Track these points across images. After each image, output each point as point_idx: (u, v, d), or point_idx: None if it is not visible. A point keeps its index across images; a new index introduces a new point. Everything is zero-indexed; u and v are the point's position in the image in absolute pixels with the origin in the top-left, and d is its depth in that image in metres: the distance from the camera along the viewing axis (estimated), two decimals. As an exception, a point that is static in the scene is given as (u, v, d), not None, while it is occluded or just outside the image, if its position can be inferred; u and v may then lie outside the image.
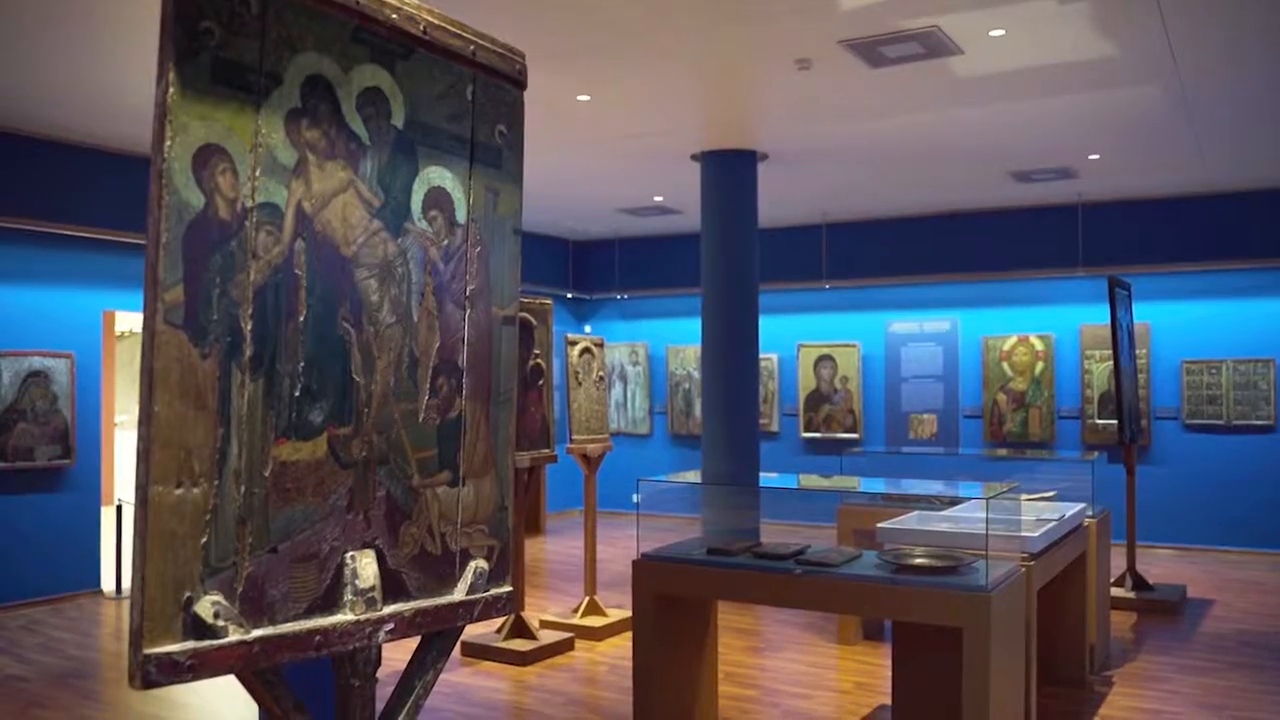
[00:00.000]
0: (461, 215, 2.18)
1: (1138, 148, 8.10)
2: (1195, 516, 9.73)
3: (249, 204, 1.76)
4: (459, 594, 2.15)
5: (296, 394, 1.85)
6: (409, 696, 2.10)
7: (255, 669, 1.77)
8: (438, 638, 2.16)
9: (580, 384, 6.96)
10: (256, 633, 1.76)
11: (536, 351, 6.45)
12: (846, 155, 8.38)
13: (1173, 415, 9.89)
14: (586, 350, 7.07)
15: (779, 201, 9.97)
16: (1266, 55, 5.94)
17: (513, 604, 2.27)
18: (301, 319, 1.85)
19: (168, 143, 1.64)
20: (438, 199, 2.13)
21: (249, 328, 1.76)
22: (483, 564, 2.20)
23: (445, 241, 2.15)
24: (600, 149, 8.28)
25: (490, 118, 2.26)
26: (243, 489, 1.75)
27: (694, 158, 8.34)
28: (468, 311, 2.19)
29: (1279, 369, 9.51)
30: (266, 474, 1.79)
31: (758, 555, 4.39)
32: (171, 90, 1.64)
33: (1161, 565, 8.92)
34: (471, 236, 2.21)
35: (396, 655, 2.50)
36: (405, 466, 2.05)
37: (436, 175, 2.13)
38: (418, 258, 2.08)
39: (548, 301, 6.64)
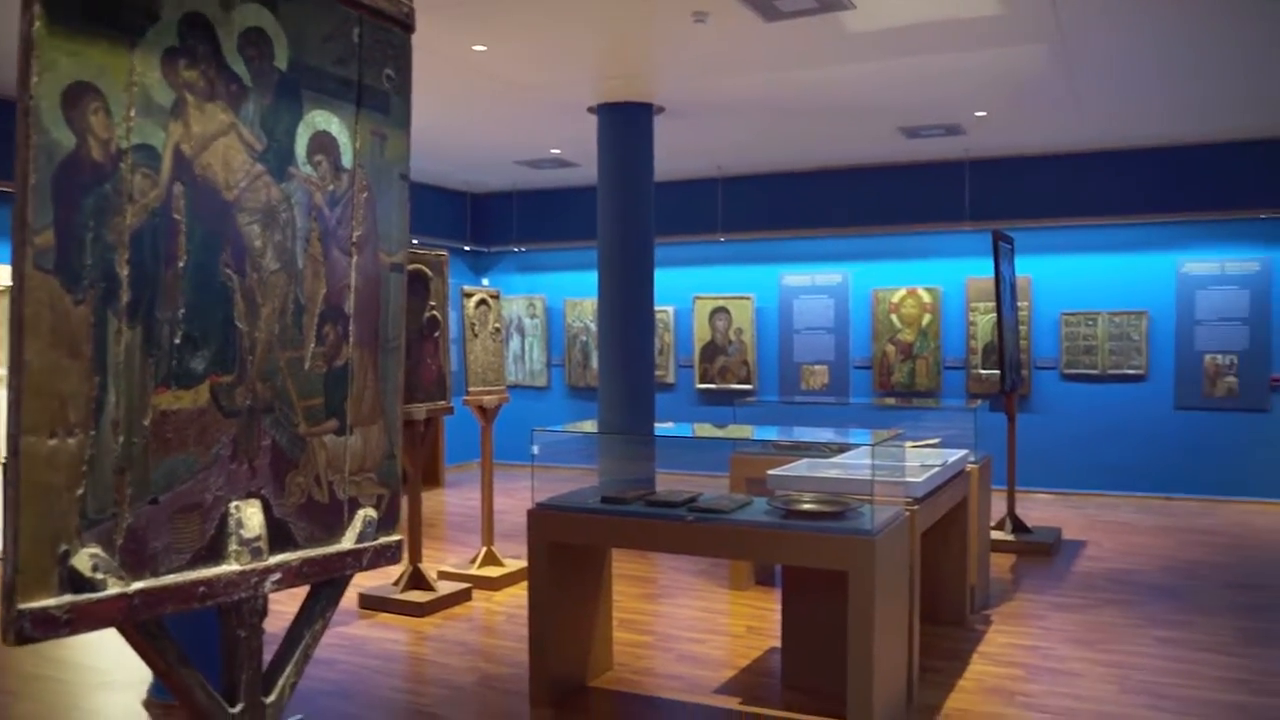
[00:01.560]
0: (348, 160, 2.15)
1: (1022, 105, 8.31)
2: (1072, 462, 10.15)
3: (124, 145, 1.71)
4: (347, 543, 2.15)
5: (177, 341, 1.81)
6: (297, 646, 2.10)
7: (136, 622, 1.75)
8: (326, 587, 2.15)
9: (476, 336, 6.92)
10: (137, 585, 1.73)
11: (432, 303, 6.39)
12: (741, 109, 8.42)
13: (1052, 365, 10.27)
14: (483, 302, 7.03)
15: (675, 155, 9.99)
16: (1144, 17, 6.13)
17: (401, 553, 2.27)
18: (181, 265, 1.81)
19: (34, 79, 1.58)
20: (323, 143, 2.09)
21: (125, 273, 1.71)
22: (371, 512, 2.20)
23: (331, 187, 2.11)
24: (497, 101, 8.18)
25: (377, 61, 2.22)
26: (121, 439, 1.71)
27: (591, 110, 8.29)
28: (355, 258, 2.16)
29: (1151, 321, 9.93)
30: (146, 423, 1.75)
31: (650, 503, 4.46)
32: (38, 24, 1.58)
33: (1040, 509, 9.29)
34: (358, 182, 2.18)
35: (288, 606, 2.48)
36: (291, 415, 2.03)
37: (322, 119, 2.09)
38: (303, 203, 2.05)
39: (443, 253, 6.57)
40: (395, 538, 2.26)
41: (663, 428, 8.88)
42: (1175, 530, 8.46)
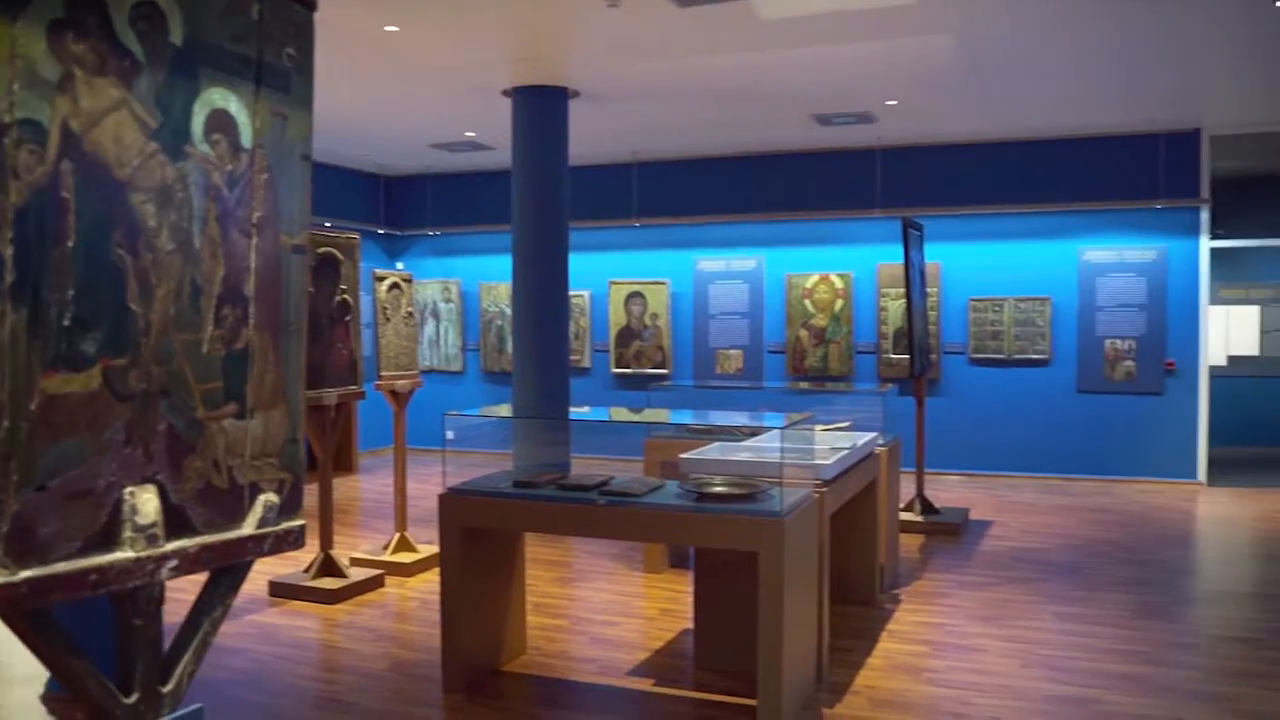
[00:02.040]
0: (247, 140, 2.11)
1: (931, 95, 8.45)
2: (979, 444, 10.40)
3: (6, 119, 1.65)
4: (248, 528, 2.11)
5: (66, 323, 1.76)
6: (196, 634, 2.06)
7: (22, 611, 1.70)
8: (226, 574, 2.12)
9: (389, 320, 6.84)
10: (24, 574, 1.68)
11: (343, 287, 6.29)
12: (656, 94, 8.43)
13: (960, 350, 10.49)
14: (395, 286, 6.95)
15: (590, 139, 9.98)
16: (1048, 10, 6.28)
17: (304, 537, 2.24)
18: (70, 244, 1.76)
19: (-91, 51, 1.52)
20: (220, 122, 2.04)
21: (9, 252, 1.66)
22: (273, 497, 2.17)
23: (229, 166, 2.07)
24: (410, 83, 8.07)
25: (278, 39, 2.18)
26: (6, 424, 1.66)
27: (505, 93, 8.23)
28: (254, 240, 2.12)
29: (1055, 307, 10.20)
30: (33, 407, 1.70)
31: (562, 487, 4.46)
32: (-88, -6, 1.52)
33: (948, 490, 9.50)
34: (258, 162, 2.14)
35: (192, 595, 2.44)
36: (188, 398, 1.99)
37: (219, 97, 2.04)
38: (199, 182, 2.00)
39: (354, 236, 6.48)
40: (298, 523, 2.23)
41: (577, 412, 8.88)
42: (1075, 509, 8.72)
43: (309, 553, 6.44)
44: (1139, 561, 6.91)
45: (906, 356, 9.28)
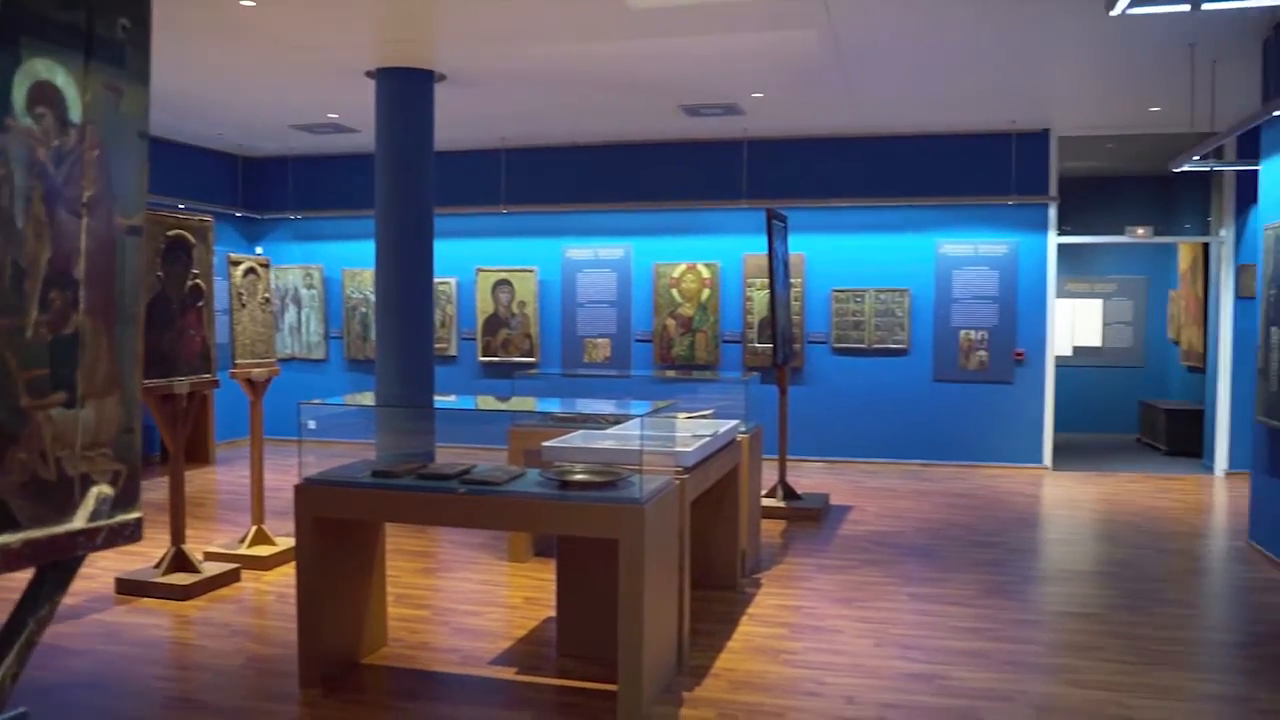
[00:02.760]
0: (76, 115, 2.01)
1: (796, 89, 8.61)
2: (840, 431, 10.66)
3: None
4: (78, 522, 2.02)
5: None
6: (20, 634, 1.96)
7: None
8: (54, 569, 2.02)
9: (244, 306, 6.63)
10: None
11: (195, 271, 6.08)
12: (524, 80, 8.37)
13: (823, 339, 10.73)
14: (251, 270, 6.74)
15: (458, 124, 9.85)
16: (907, 10, 6.46)
17: (141, 530, 2.16)
18: (-125, 222, 1.65)
19: None
20: (45, 95, 1.94)
21: None
22: (106, 489, 2.07)
23: (56, 142, 1.96)
24: (268, 61, 7.83)
25: (110, 9, 2.07)
26: None
27: (369, 75, 8.06)
28: (85, 220, 2.02)
29: (913, 298, 10.52)
30: None
31: (422, 476, 4.40)
32: None
33: (810, 476, 9.72)
34: (89, 139, 2.04)
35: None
36: (10, 387, 1.89)
37: (44, 68, 1.94)
38: (21, 159, 1.90)
39: (208, 218, 6.25)
40: (134, 515, 2.14)
41: (443, 401, 8.77)
42: (931, 494, 9.02)
43: (160, 548, 6.22)
44: (988, 543, 7.19)
45: (770, 345, 9.44)
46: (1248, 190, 8.79)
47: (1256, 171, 7.27)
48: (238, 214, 11.99)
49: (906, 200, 10.43)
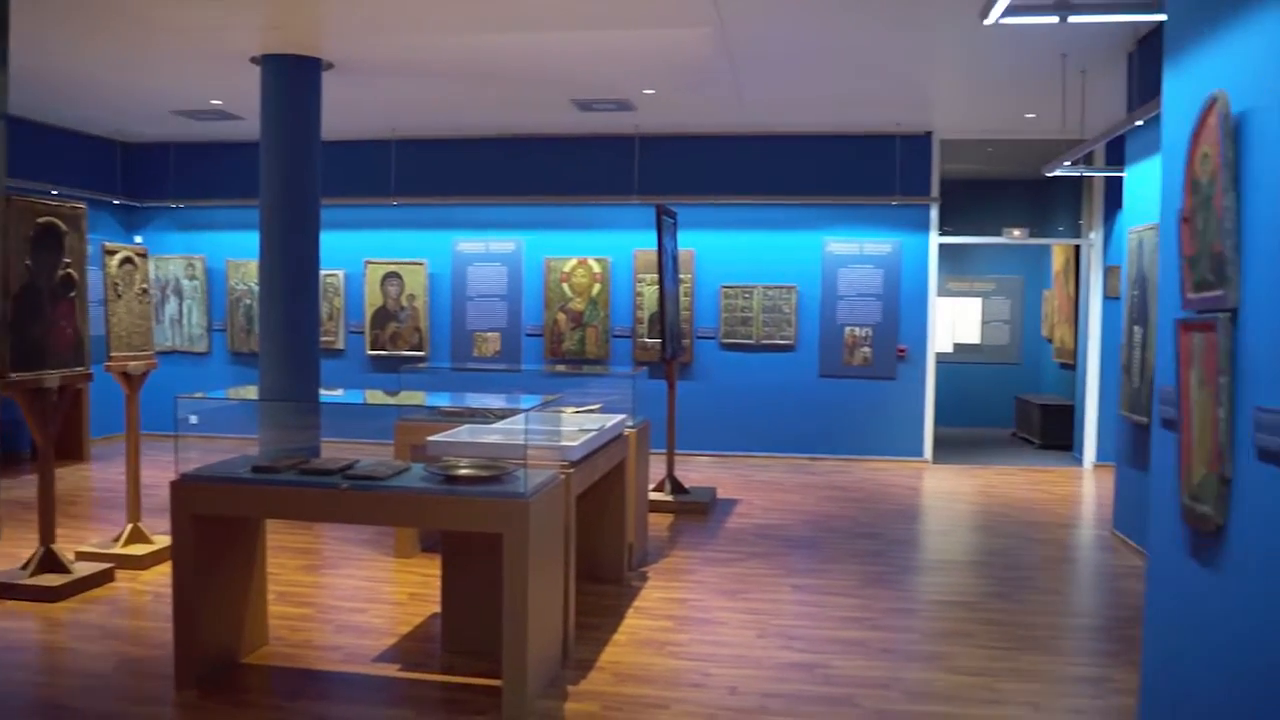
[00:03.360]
0: (-68, 99, 1.94)
1: (688, 86, 8.69)
2: (729, 426, 10.81)
3: None
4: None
5: None
6: None
7: None
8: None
9: (120, 297, 6.43)
10: None
11: (67, 260, 5.87)
12: (414, 70, 8.28)
13: (712, 335, 10.87)
14: (128, 260, 6.54)
15: (346, 113, 9.70)
16: (797, 13, 6.58)
17: None
18: None
19: None
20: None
21: None
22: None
23: (-90, 127, 1.90)
24: (149, 44, 7.58)
25: (-30, -9, 2.01)
26: None
27: (254, 61, 7.88)
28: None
29: (800, 295, 10.71)
30: None
31: (304, 471, 4.34)
32: None
33: (699, 470, 9.84)
34: (-54, 124, 1.97)
35: None
36: None
37: (-102, 50, 1.87)
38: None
39: (80, 205, 6.05)
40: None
41: (329, 395, 8.64)
42: (816, 487, 9.21)
43: (29, 548, 6.00)
44: (869, 535, 7.38)
45: (660, 341, 9.52)
46: (1115, 195, 9.18)
47: (1123, 177, 7.60)
48: (116, 202, 11.60)
49: (794, 199, 10.62)
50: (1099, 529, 7.75)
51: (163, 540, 6.40)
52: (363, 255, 11.29)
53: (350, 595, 5.80)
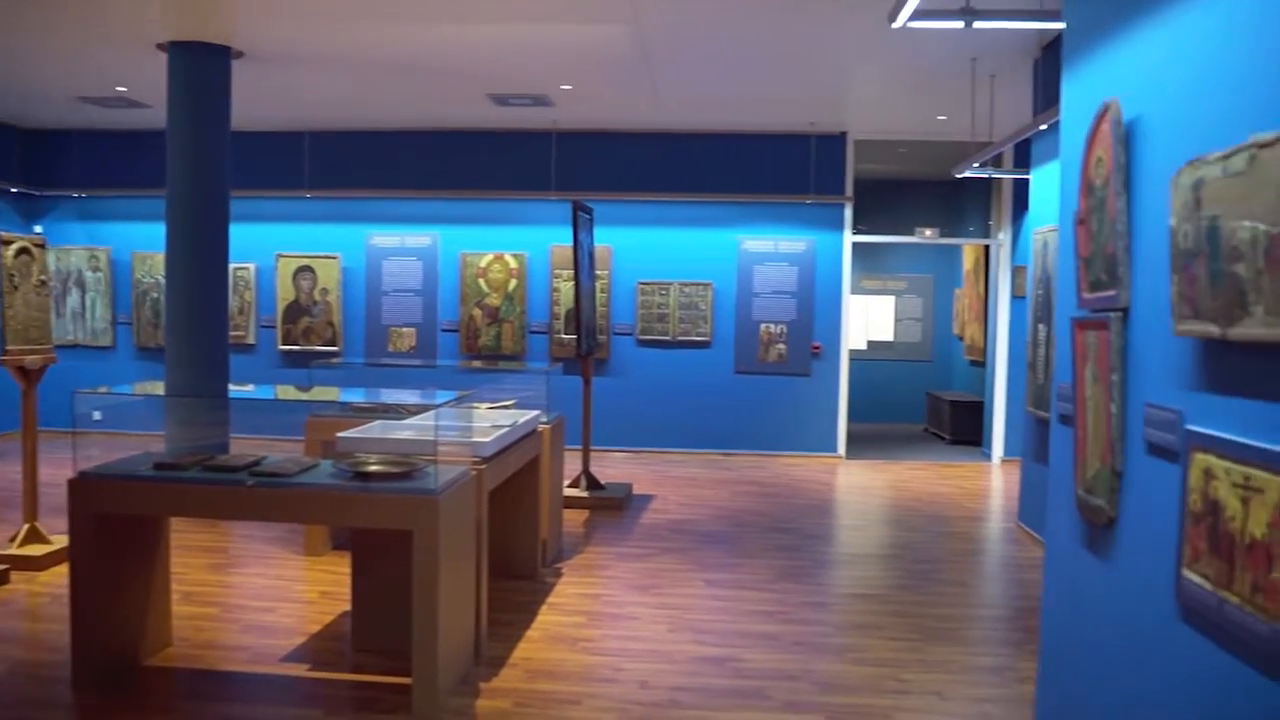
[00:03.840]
0: None
1: (605, 83, 8.69)
2: (645, 422, 10.84)
3: None
4: None
5: None
6: None
7: None
8: None
9: (17, 289, 6.23)
10: None
11: (-40, 251, 5.67)
12: (327, 61, 8.15)
13: (628, 331, 10.89)
14: (24, 251, 6.33)
15: (258, 104, 9.50)
16: (713, 11, 6.61)
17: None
18: None
19: None
20: None
21: None
22: None
23: None
24: (48, 27, 7.34)
25: None
26: None
27: (160, 48, 7.67)
28: None
29: (716, 292, 10.79)
30: None
31: (209, 468, 4.25)
32: None
33: (615, 466, 9.85)
34: None
35: None
36: None
37: None
38: None
39: (-26, 194, 5.84)
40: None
41: (238, 390, 8.46)
42: (730, 483, 9.29)
43: (-84, 547, 5.80)
44: (783, 529, 7.47)
45: (576, 336, 9.51)
46: (1023, 197, 9.41)
47: (1029, 180, 7.79)
48: (14, 190, 11.21)
49: (711, 196, 10.69)
50: (1005, 522, 7.94)
51: (61, 540, 6.21)
52: (275, 248, 11.08)
53: (258, 594, 5.70)
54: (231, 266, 7.96)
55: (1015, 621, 5.49)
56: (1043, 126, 6.58)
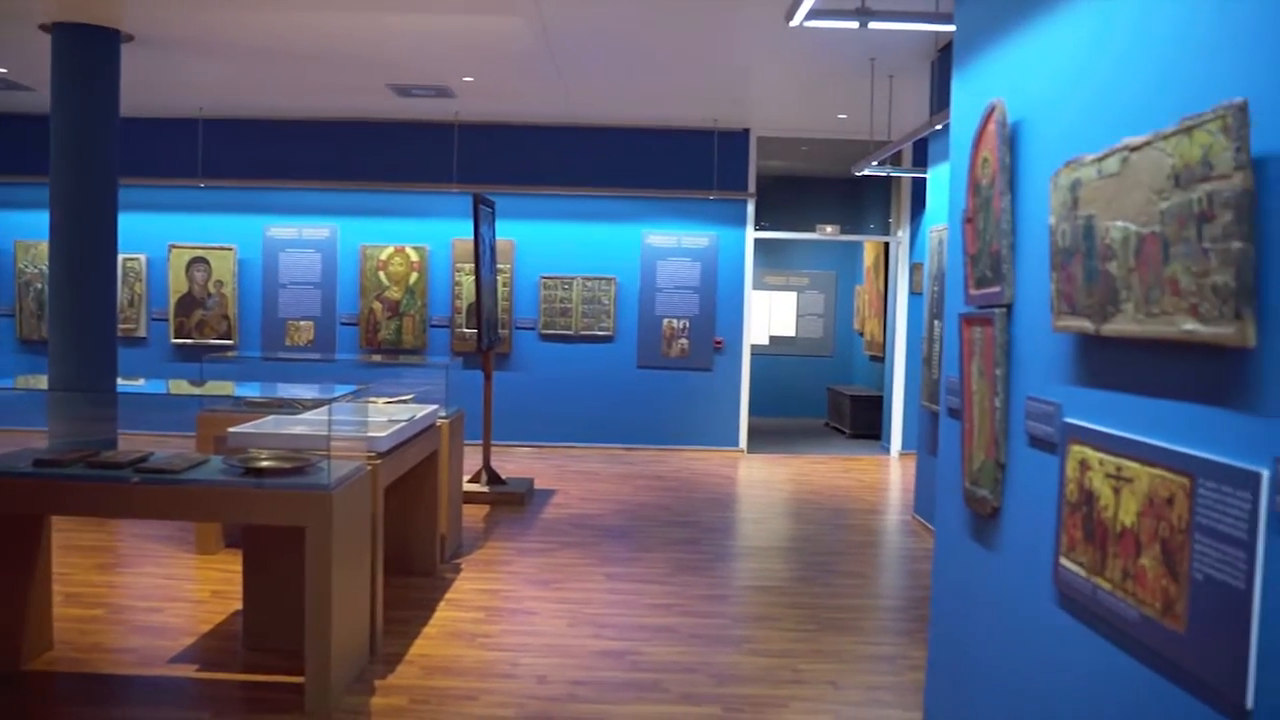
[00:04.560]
0: None
1: (508, 75, 8.63)
2: (547, 416, 10.80)
3: None
4: None
5: None
6: None
7: None
8: None
9: (-114, 278, 5.95)
10: None
11: None
12: (223, 46, 7.93)
13: (531, 325, 10.84)
14: (-105, 239, 6.05)
15: (148, 89, 9.21)
16: (616, 5, 6.61)
17: None
18: None
19: None
20: None
21: None
22: None
23: None
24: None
25: None
26: None
27: (44, 28, 7.39)
28: None
29: (619, 286, 10.80)
30: None
31: (92, 465, 4.11)
32: None
33: (517, 461, 9.80)
34: None
35: None
36: None
37: None
38: None
39: None
40: None
41: (127, 384, 8.21)
42: (632, 477, 9.32)
43: None
44: (684, 523, 7.52)
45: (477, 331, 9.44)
46: (922, 195, 9.60)
47: (927, 178, 7.96)
48: (-115, 175, 10.72)
49: (615, 191, 10.69)
50: (902, 514, 8.11)
51: (-64, 540, 5.96)
52: (167, 239, 10.77)
53: (147, 594, 5.53)
54: (121, 257, 7.73)
55: (909, 611, 5.61)
56: (938, 126, 6.73)
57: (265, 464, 4.12)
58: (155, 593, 5.56)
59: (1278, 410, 1.67)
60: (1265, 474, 1.68)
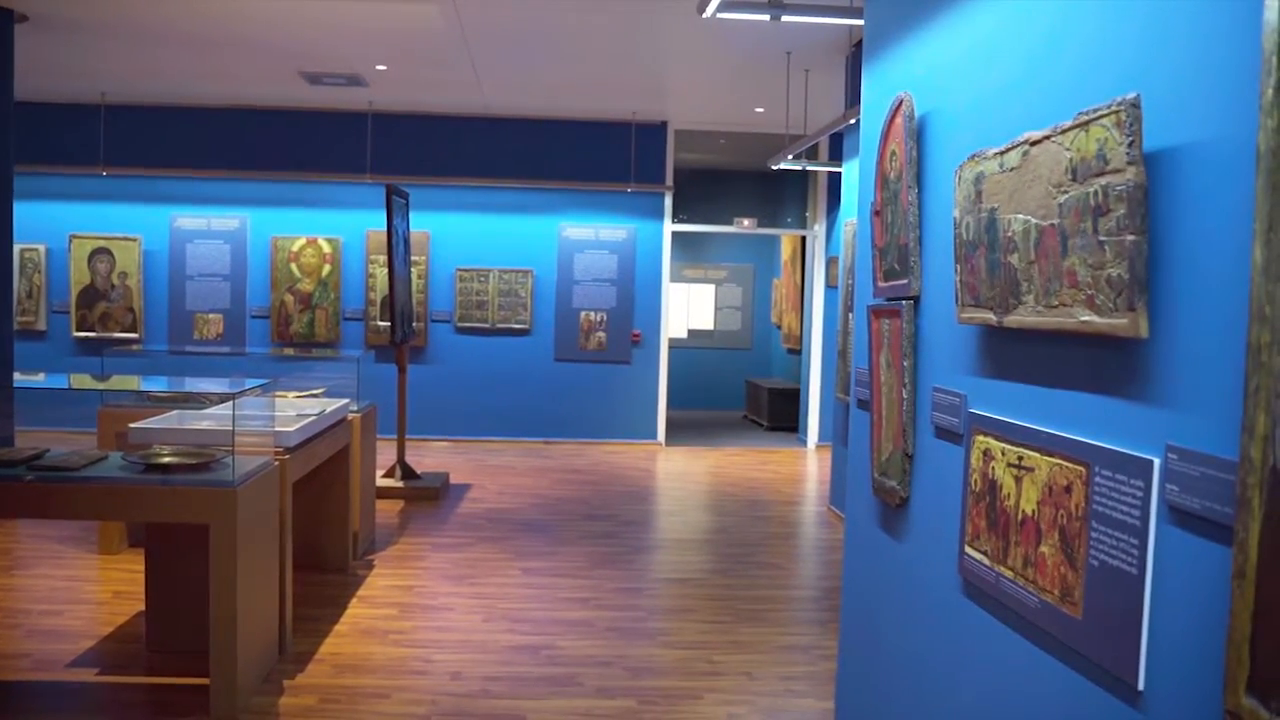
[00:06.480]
0: None
1: (422, 64, 8.51)
2: (464, 410, 10.71)
3: None
4: None
5: None
6: None
7: None
8: None
9: None
10: None
11: None
12: (125, 30, 7.68)
13: (447, 318, 10.73)
14: None
15: (46, 73, 8.90)
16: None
17: None
18: None
19: None
20: None
21: None
22: None
23: None
24: None
25: None
26: None
27: (-70, 7, 7.10)
28: None
29: (536, 279, 10.74)
30: None
31: (-17, 463, 3.96)
32: None
33: (433, 456, 9.70)
34: None
35: None
36: None
37: None
38: None
39: None
40: None
41: (25, 379, 7.92)
42: (550, 471, 9.28)
43: None
44: (601, 516, 7.50)
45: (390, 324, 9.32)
46: (838, 189, 9.70)
47: (842, 172, 8.04)
48: None
49: (532, 183, 10.63)
50: (818, 506, 8.20)
51: None
52: (68, 229, 10.43)
53: (44, 597, 5.35)
54: (19, 247, 7.46)
55: (824, 601, 5.68)
56: (852, 121, 6.80)
57: (168, 460, 4.00)
58: (54, 595, 5.38)
59: (1170, 400, 1.71)
60: (1157, 462, 1.71)
